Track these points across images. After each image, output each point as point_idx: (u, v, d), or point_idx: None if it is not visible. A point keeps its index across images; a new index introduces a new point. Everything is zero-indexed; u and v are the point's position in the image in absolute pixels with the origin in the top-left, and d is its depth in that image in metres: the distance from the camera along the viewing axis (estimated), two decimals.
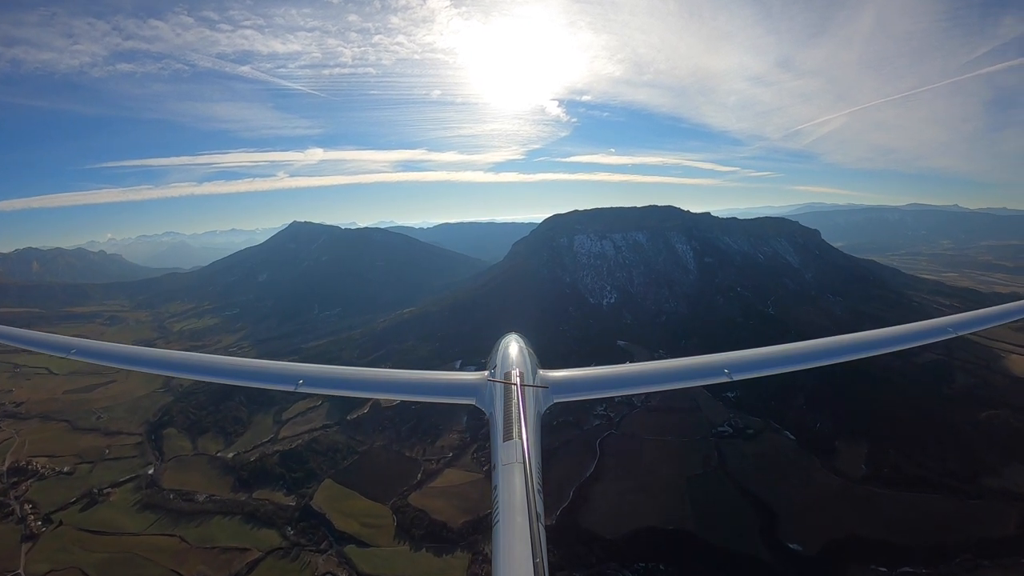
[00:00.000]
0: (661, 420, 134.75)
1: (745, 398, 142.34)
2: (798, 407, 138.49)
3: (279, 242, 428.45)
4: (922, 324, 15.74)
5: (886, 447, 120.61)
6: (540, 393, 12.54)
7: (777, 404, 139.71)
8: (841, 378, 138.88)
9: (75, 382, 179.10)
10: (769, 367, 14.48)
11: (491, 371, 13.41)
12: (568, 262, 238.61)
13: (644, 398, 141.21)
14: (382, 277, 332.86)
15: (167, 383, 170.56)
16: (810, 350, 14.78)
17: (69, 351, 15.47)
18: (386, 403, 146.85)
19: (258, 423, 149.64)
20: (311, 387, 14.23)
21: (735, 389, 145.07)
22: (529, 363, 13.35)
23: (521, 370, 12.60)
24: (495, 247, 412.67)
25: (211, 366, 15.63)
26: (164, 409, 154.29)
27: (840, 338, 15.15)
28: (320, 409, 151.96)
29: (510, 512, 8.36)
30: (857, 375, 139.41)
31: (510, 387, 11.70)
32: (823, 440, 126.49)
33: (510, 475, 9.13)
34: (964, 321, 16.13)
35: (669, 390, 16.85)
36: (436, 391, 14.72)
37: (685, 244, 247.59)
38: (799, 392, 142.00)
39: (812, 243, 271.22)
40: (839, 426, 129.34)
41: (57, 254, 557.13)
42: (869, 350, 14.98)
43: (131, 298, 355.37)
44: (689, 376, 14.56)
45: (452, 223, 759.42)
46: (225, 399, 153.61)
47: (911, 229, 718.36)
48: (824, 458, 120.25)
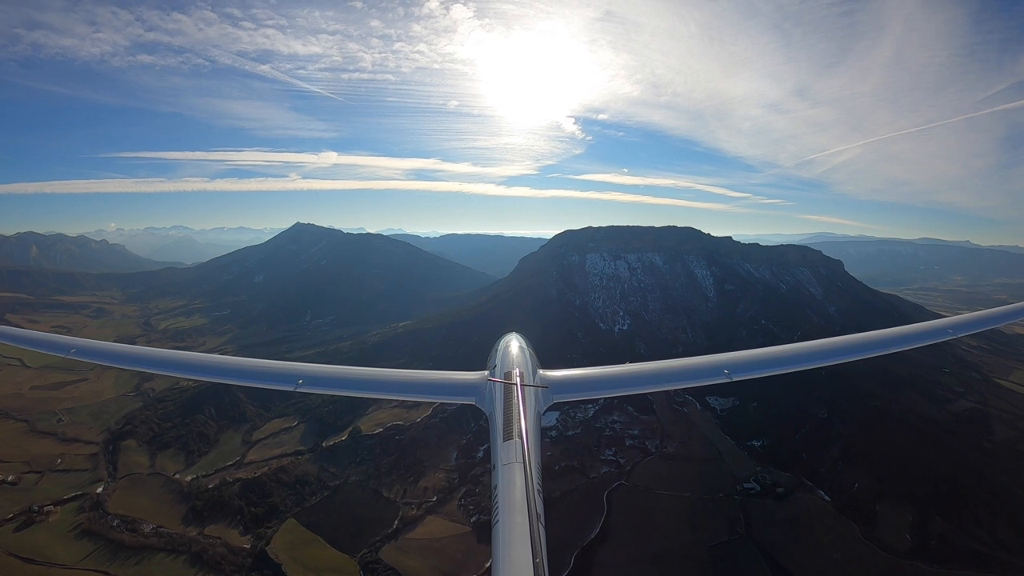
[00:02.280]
0: (678, 470, 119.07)
1: (774, 448, 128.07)
2: (832, 461, 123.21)
3: (280, 243, 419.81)
4: (922, 325, 15.48)
5: (931, 513, 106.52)
6: (540, 393, 12.21)
7: (809, 457, 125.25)
8: (878, 426, 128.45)
9: (45, 377, 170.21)
10: (768, 367, 13.91)
11: (491, 370, 13.05)
12: (579, 282, 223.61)
13: (660, 444, 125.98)
14: (380, 286, 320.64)
15: (138, 386, 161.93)
16: (810, 350, 14.26)
17: (69, 351, 15.18)
18: (367, 430, 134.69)
19: (225, 442, 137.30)
20: (311, 387, 13.55)
21: (762, 438, 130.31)
22: (529, 363, 13.01)
23: (521, 370, 12.27)
24: (502, 261, 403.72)
25: (210, 365, 15.39)
26: (128, 417, 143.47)
27: (839, 339, 14.69)
28: (294, 431, 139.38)
29: (510, 512, 8.20)
30: (893, 422, 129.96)
31: (510, 387, 11.46)
32: (862, 502, 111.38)
33: (510, 475, 8.95)
34: (963, 323, 15.97)
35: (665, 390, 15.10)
36: (436, 391, 14.73)
37: (704, 269, 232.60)
38: (834, 444, 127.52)
39: (835, 274, 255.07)
40: (879, 485, 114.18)
41: (57, 240, 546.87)
42: (869, 351, 14.53)
43: (124, 290, 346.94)
44: (689, 376, 14.19)
45: (459, 234, 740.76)
46: (194, 411, 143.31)
47: (923, 263, 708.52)
48: (864, 525, 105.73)
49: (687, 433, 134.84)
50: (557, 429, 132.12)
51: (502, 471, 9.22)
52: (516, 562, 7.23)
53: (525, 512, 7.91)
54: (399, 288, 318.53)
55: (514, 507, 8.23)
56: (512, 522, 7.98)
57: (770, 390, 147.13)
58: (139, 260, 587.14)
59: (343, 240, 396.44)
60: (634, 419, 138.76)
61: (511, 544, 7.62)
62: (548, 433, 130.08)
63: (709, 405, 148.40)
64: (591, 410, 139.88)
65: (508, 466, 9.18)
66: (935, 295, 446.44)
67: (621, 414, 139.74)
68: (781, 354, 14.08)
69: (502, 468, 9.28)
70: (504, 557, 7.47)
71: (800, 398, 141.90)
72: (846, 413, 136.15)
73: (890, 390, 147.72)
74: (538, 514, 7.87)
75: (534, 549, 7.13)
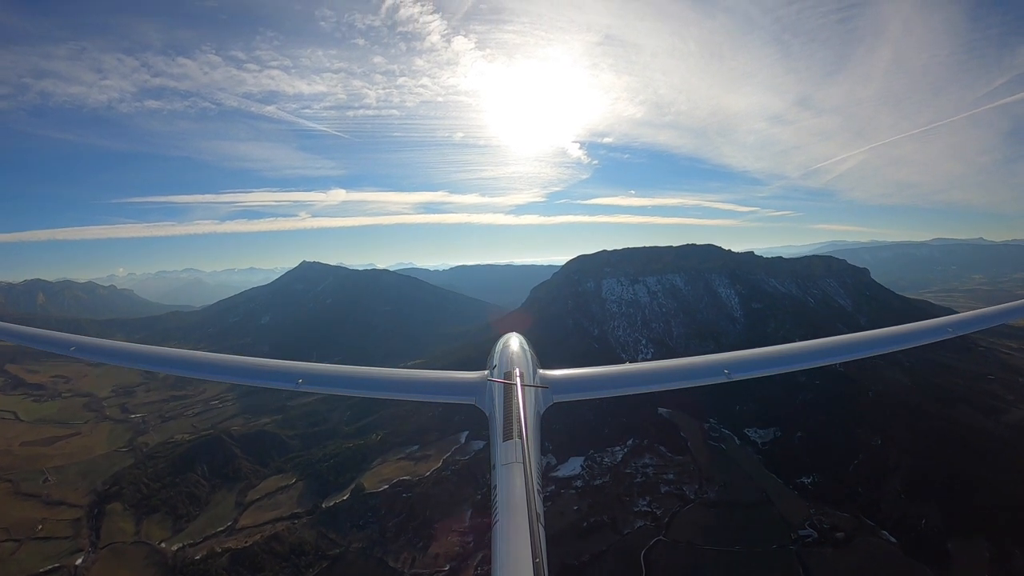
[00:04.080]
0: (723, 519, 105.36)
1: (826, 485, 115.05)
2: (894, 494, 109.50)
3: (286, 282, 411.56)
4: (922, 324, 15.04)
5: (1009, 545, 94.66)
6: (540, 393, 11.93)
7: (867, 491, 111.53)
8: (936, 449, 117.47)
9: (38, 432, 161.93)
10: (769, 367, 13.79)
11: (491, 370, 12.67)
12: (595, 310, 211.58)
13: (700, 489, 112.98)
14: (387, 323, 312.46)
15: (132, 441, 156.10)
16: (811, 349, 13.99)
17: (68, 348, 15.14)
18: (371, 487, 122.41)
19: (217, 503, 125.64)
20: (310, 386, 13.52)
21: (812, 473, 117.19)
22: (529, 362, 12.71)
23: (521, 369, 12.02)
24: (513, 291, 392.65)
25: (210, 364, 15.10)
26: (117, 476, 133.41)
27: (840, 338, 14.44)
28: (292, 490, 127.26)
29: (510, 512, 8.08)
30: (951, 442, 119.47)
31: (510, 386, 11.17)
32: (932, 540, 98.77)
33: (510, 475, 8.75)
34: (963, 321, 15.68)
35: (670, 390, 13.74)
36: (436, 390, 13.98)
37: (729, 288, 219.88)
38: (892, 474, 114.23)
39: (862, 283, 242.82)
40: (948, 517, 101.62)
41: (64, 287, 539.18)
42: (869, 349, 14.34)
43: (128, 336, 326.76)
44: (689, 376, 13.70)
45: (469, 265, 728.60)
46: (186, 469, 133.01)
47: (940, 264, 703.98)
48: (938, 567, 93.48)
49: (728, 473, 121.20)
50: (583, 478, 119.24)
51: (502, 471, 8.90)
52: (516, 562, 7.06)
53: (525, 512, 7.73)
54: (407, 324, 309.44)
55: (514, 507, 8.02)
56: (512, 522, 7.78)
57: (814, 417, 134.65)
58: (147, 304, 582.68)
59: (349, 277, 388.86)
60: (668, 461, 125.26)
61: (511, 544, 7.46)
62: (573, 483, 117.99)
63: (748, 438, 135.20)
64: (619, 454, 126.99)
65: (508, 466, 8.88)
66: (958, 296, 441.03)
67: (653, 456, 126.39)
68: (781, 353, 13.81)
69: (502, 468, 8.96)
70: (504, 557, 7.32)
71: (848, 424, 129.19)
72: (900, 437, 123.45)
73: (941, 406, 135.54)
74: (538, 514, 7.77)
75: (534, 549, 7.02)
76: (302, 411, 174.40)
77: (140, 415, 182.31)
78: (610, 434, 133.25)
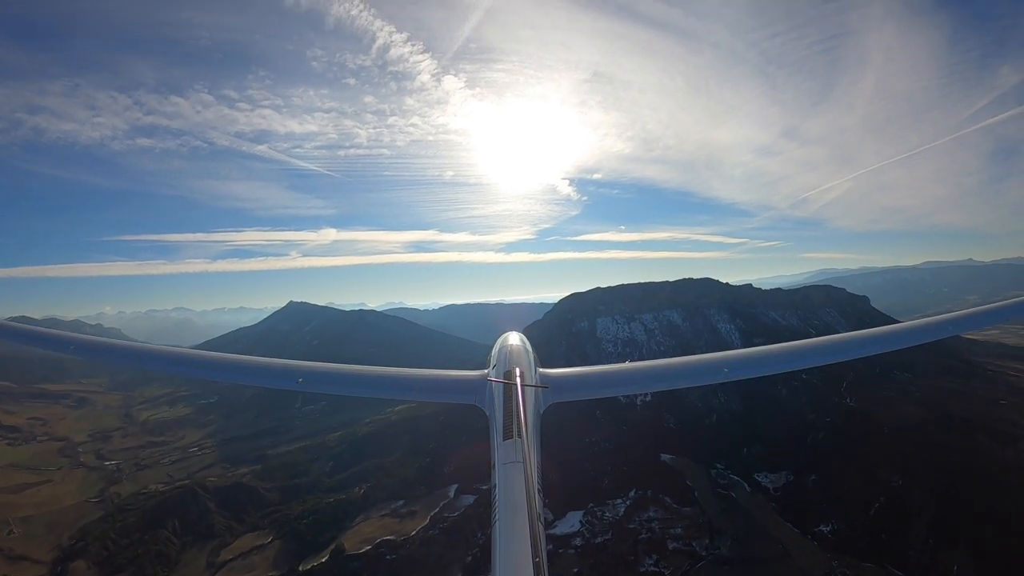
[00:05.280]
0: None
1: (847, 533, 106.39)
2: (920, 540, 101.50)
3: (273, 323, 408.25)
4: (920, 322, 14.78)
5: None
6: (540, 392, 11.51)
7: (891, 538, 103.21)
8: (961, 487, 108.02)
9: (8, 478, 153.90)
10: (769, 367, 13.47)
11: (491, 369, 12.20)
12: (591, 351, 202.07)
13: (710, 544, 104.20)
14: (375, 365, 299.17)
15: (103, 491, 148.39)
16: (811, 348, 13.65)
17: (68, 347, 14.56)
18: (351, 549, 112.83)
19: (187, 563, 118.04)
20: (310, 386, 13.19)
21: (830, 521, 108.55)
22: (529, 362, 12.12)
23: (521, 369, 11.45)
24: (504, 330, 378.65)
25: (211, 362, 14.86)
26: (84, 530, 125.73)
27: (839, 337, 14.04)
28: (267, 550, 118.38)
29: (510, 511, 8.04)
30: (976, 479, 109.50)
31: (510, 386, 10.71)
32: None
33: (510, 474, 8.63)
34: (962, 319, 14.68)
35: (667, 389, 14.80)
36: (436, 390, 14.04)
37: (728, 323, 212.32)
38: (917, 517, 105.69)
39: (862, 311, 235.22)
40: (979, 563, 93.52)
41: (50, 324, 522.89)
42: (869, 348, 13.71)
43: (112, 377, 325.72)
44: (689, 376, 13.62)
45: (459, 304, 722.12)
46: (156, 524, 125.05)
47: (932, 287, 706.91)
48: None
49: (740, 525, 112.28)
50: (582, 536, 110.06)
51: (502, 470, 8.78)
52: (516, 562, 7.02)
53: (525, 511, 7.66)
54: (396, 366, 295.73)
55: (514, 506, 7.97)
56: (512, 521, 7.75)
57: (827, 458, 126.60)
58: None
59: (336, 318, 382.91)
60: (674, 514, 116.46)
61: (511, 543, 7.42)
62: (572, 542, 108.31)
63: (759, 485, 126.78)
64: (621, 508, 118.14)
65: (508, 465, 8.74)
66: None
67: (658, 509, 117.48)
68: (781, 353, 13.23)
69: (502, 467, 8.83)
70: (504, 557, 7.27)
71: (865, 464, 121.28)
72: (922, 476, 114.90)
73: (958, 437, 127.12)
74: (538, 513, 7.64)
75: (534, 549, 6.97)
76: (282, 461, 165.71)
77: (115, 462, 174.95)
78: (610, 486, 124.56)
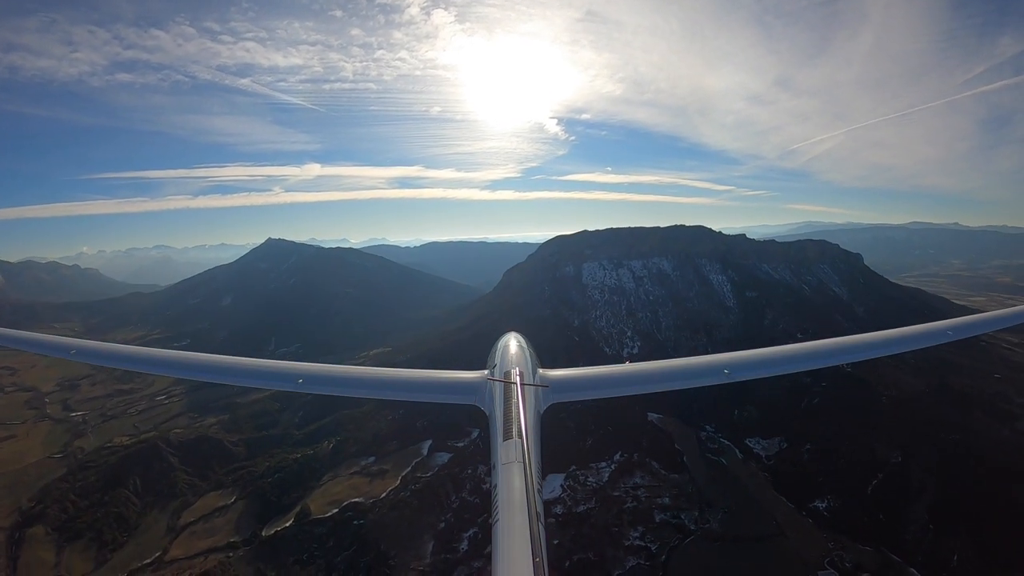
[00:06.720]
0: (729, 557, 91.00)
1: (843, 511, 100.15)
2: (920, 523, 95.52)
3: (250, 261, 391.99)
4: (921, 327, 14.99)
5: None
6: (540, 392, 11.91)
7: (889, 518, 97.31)
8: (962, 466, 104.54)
9: None
10: (769, 368, 13.68)
11: (491, 370, 12.77)
12: (576, 298, 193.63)
13: (700, 517, 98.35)
14: (352, 307, 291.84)
15: (67, 446, 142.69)
16: (811, 351, 13.81)
17: (69, 352, 15.28)
18: (317, 512, 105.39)
19: (147, 527, 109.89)
20: (310, 387, 13.34)
21: (826, 497, 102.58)
22: (529, 362, 12.69)
23: (521, 369, 12.04)
24: (486, 270, 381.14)
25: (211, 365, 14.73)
26: (43, 492, 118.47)
27: (840, 340, 14.27)
28: (230, 511, 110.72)
29: (510, 511, 8.08)
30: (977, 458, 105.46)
31: (510, 386, 11.22)
32: None
33: (510, 474, 8.78)
34: (963, 325, 15.36)
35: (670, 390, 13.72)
36: (435, 390, 13.79)
37: (720, 274, 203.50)
38: (916, 498, 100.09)
39: (856, 269, 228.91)
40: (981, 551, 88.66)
41: (25, 267, 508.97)
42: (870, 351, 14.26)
43: (84, 321, 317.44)
44: (689, 376, 13.67)
45: (441, 241, 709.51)
46: (117, 483, 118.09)
47: (918, 248, 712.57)
48: None
49: (731, 496, 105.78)
50: (564, 503, 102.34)
51: (502, 470, 8.95)
52: (516, 562, 7.07)
53: (525, 511, 7.77)
54: (373, 308, 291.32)
55: (514, 506, 8.03)
56: (512, 521, 7.79)
57: (823, 426, 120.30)
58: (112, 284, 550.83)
59: (314, 256, 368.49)
60: (662, 480, 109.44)
61: (511, 543, 7.45)
62: (552, 510, 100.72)
63: (752, 451, 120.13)
64: (605, 472, 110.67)
65: (508, 465, 8.90)
66: (940, 281, 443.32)
67: (644, 474, 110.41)
68: (781, 354, 13.72)
69: (502, 467, 9.01)
70: (504, 557, 7.30)
71: (862, 435, 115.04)
72: (922, 454, 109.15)
73: (959, 413, 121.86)
74: (538, 513, 7.80)
75: (534, 548, 7.04)
76: (251, 410, 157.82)
77: (81, 413, 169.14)
78: (595, 446, 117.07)
